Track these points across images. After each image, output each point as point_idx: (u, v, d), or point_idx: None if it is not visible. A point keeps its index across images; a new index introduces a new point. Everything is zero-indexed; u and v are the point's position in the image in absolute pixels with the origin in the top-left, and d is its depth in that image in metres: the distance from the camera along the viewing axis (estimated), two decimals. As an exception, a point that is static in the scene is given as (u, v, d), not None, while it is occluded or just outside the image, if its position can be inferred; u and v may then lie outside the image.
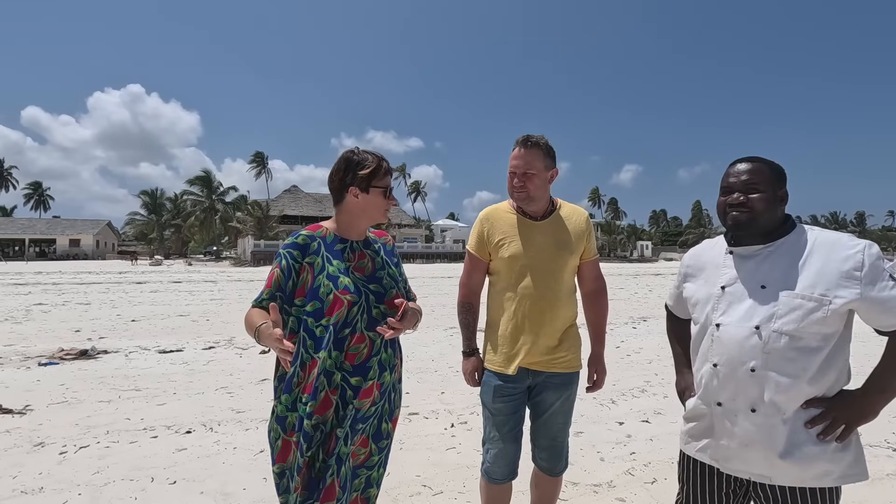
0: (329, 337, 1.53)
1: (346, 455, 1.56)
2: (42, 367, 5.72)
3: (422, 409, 4.24)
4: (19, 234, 55.52)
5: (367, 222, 1.71)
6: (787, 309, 1.29)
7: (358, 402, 1.57)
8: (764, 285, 1.35)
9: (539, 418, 2.05)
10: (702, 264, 1.54)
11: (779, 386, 1.29)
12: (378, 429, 1.67)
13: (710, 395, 1.42)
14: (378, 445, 1.67)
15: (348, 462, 1.58)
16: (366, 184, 1.62)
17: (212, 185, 55.51)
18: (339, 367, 1.56)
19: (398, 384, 1.76)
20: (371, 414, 1.63)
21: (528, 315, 1.95)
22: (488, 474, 2.03)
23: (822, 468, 1.30)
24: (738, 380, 1.35)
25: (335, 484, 1.51)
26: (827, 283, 1.27)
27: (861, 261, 1.26)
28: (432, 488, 2.85)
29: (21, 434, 3.62)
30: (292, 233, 1.65)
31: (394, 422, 1.73)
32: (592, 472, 3.06)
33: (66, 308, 11.44)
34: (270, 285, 1.57)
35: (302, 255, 1.59)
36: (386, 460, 1.73)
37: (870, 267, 1.25)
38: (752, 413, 1.33)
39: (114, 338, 7.68)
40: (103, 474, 2.98)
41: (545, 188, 2.00)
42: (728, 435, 1.38)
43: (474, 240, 2.10)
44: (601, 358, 2.14)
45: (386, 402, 1.68)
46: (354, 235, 1.70)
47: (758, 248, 1.40)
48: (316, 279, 1.58)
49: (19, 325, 8.94)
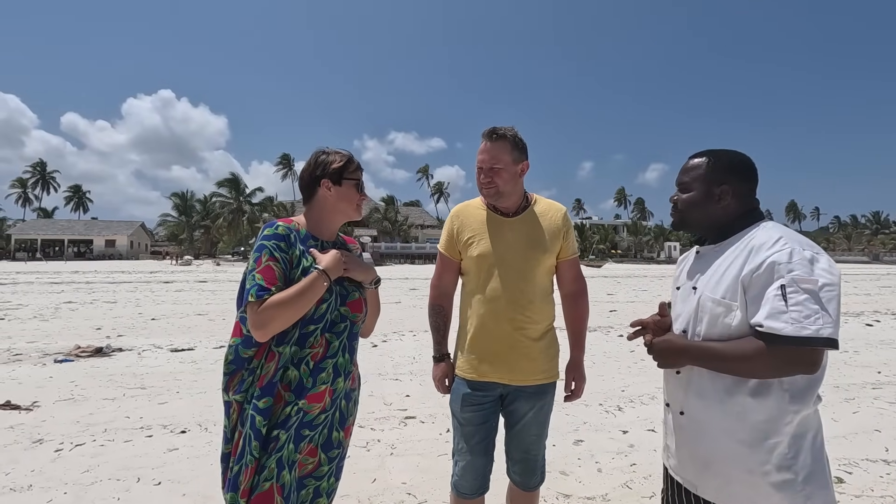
0: (295, 331, 1.48)
1: (291, 462, 1.47)
2: (57, 363, 5.87)
3: (419, 413, 4.15)
4: (59, 234, 57.97)
5: (340, 218, 1.66)
6: (705, 313, 1.28)
7: (306, 405, 1.48)
8: (695, 287, 1.35)
9: (512, 429, 1.93)
10: (681, 265, 1.53)
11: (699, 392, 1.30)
12: (328, 438, 1.58)
13: (666, 395, 1.46)
14: (328, 455, 1.58)
15: (295, 471, 1.49)
16: (338, 176, 1.60)
17: (239, 186, 56.78)
18: (296, 364, 1.49)
19: (353, 392, 1.67)
20: (320, 422, 1.54)
21: (496, 319, 1.84)
22: (457, 488, 1.92)
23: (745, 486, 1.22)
24: (669, 382, 1.41)
25: (273, 491, 1.42)
26: (733, 288, 1.22)
27: (765, 268, 1.17)
28: (416, 497, 2.75)
29: (23, 430, 3.68)
30: (268, 223, 1.55)
31: (346, 431, 1.64)
32: (588, 484, 2.90)
33: (92, 306, 11.81)
34: (276, 280, 1.42)
35: (287, 247, 1.52)
36: (338, 470, 1.63)
37: (765, 271, 1.17)
38: (680, 416, 1.36)
39: (131, 336, 7.86)
40: (92, 473, 2.99)
41: (515, 182, 1.87)
42: (669, 435, 1.42)
43: (444, 238, 2.00)
44: (580, 364, 2.00)
45: (337, 409, 1.60)
46: (326, 235, 1.65)
47: (707, 248, 1.39)
48: (292, 272, 1.51)
49: (46, 322, 9.25)
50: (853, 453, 3.36)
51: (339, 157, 1.62)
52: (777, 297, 1.13)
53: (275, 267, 1.45)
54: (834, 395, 4.78)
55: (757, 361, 1.15)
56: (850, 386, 5.14)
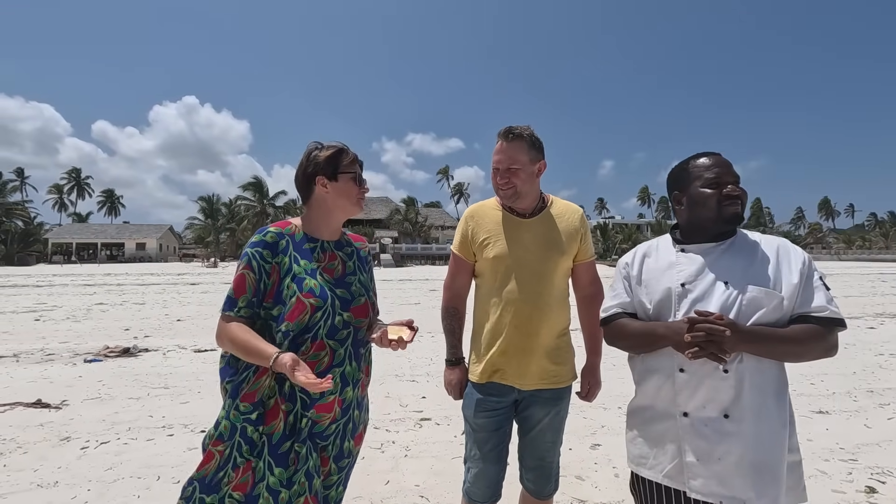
0: (285, 341, 1.43)
1: (315, 468, 1.46)
2: (87, 363, 6.06)
3: (434, 415, 4.14)
4: (93, 238, 60.10)
5: (341, 215, 1.59)
6: (751, 304, 1.30)
7: (315, 415, 1.47)
8: (727, 281, 1.34)
9: (526, 436, 1.88)
10: (650, 265, 1.50)
11: (753, 386, 1.27)
12: (340, 448, 1.55)
13: (673, 404, 1.35)
14: (339, 465, 1.56)
15: (319, 476, 1.48)
16: (332, 170, 1.53)
17: (263, 189, 57.90)
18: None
19: (363, 399, 1.65)
20: (331, 432, 1.51)
21: (512, 322, 1.80)
22: (469, 495, 1.89)
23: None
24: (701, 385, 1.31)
25: (309, 501, 1.42)
26: (780, 279, 1.32)
27: (805, 262, 1.34)
28: (429, 500, 2.74)
29: (52, 428, 3.81)
30: (259, 229, 1.54)
31: (357, 439, 1.62)
32: (604, 490, 2.84)
33: (122, 308, 12.19)
34: (244, 290, 1.44)
35: (272, 255, 1.47)
36: (346, 478, 1.62)
37: (806, 265, 1.34)
38: (724, 420, 1.28)
39: (157, 336, 8.07)
40: (115, 471, 3.07)
41: (532, 183, 1.83)
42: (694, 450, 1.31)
43: (458, 239, 1.97)
44: (596, 369, 1.96)
45: (350, 420, 1.57)
46: (326, 234, 1.59)
47: (711, 246, 1.41)
48: (281, 281, 1.48)
49: (78, 323, 9.58)
50: (887, 462, 3.20)
51: (330, 151, 1.54)
52: (822, 287, 1.31)
53: (247, 276, 1.45)
54: (868, 400, 4.59)
55: (815, 343, 1.26)
56: (886, 391, 4.92)
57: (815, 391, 4.92)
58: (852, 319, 10.12)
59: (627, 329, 1.48)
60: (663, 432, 1.37)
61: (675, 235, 1.51)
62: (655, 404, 1.40)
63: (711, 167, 1.42)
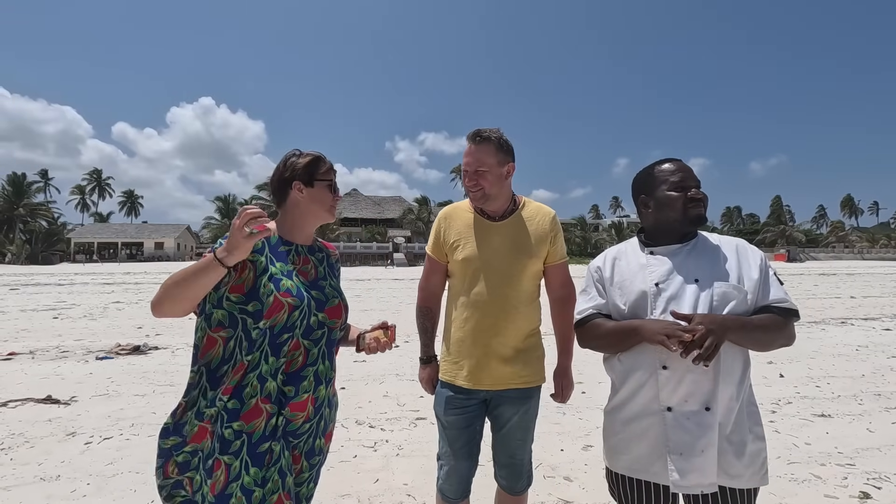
0: (264, 340, 1.48)
1: (290, 467, 1.50)
2: (98, 360, 6.23)
3: (430, 415, 4.16)
4: (113, 237, 61.52)
5: (314, 221, 1.65)
6: (722, 299, 1.37)
7: (289, 413, 1.51)
8: (697, 279, 1.41)
9: (497, 433, 1.91)
10: (622, 267, 1.54)
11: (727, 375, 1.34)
12: (312, 446, 1.60)
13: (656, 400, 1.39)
14: (310, 462, 1.60)
15: (291, 474, 1.52)
16: (308, 177, 1.58)
17: (278, 189, 58.58)
18: (274, 375, 1.52)
19: (333, 398, 1.69)
20: (304, 430, 1.55)
21: (479, 323, 1.83)
22: (441, 492, 1.93)
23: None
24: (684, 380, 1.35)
25: (282, 499, 1.46)
26: (743, 275, 1.42)
27: (762, 259, 1.46)
28: (416, 498, 2.77)
29: (59, 423, 3.94)
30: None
31: (327, 437, 1.66)
32: (591, 491, 2.84)
33: (137, 306, 12.47)
34: None
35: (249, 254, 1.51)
36: (317, 475, 1.66)
37: (763, 261, 1.46)
38: (705, 413, 1.33)
39: (168, 335, 8.25)
40: (115, 465, 3.17)
41: (501, 185, 1.86)
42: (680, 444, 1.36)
43: (431, 240, 2.01)
44: (567, 371, 1.97)
45: (321, 418, 1.61)
46: (300, 239, 1.64)
47: (677, 247, 1.48)
48: (258, 279, 1.52)
49: (94, 321, 9.85)
50: (885, 467, 3.14)
51: (308, 158, 1.60)
52: (777, 282, 1.42)
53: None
54: (874, 404, 4.49)
55: (782, 332, 1.38)
56: (894, 394, 4.81)
57: (820, 394, 4.84)
58: (868, 321, 9.89)
59: (602, 329, 1.51)
60: (646, 429, 1.41)
61: (642, 238, 1.57)
62: (638, 402, 1.43)
63: (676, 172, 1.49)
